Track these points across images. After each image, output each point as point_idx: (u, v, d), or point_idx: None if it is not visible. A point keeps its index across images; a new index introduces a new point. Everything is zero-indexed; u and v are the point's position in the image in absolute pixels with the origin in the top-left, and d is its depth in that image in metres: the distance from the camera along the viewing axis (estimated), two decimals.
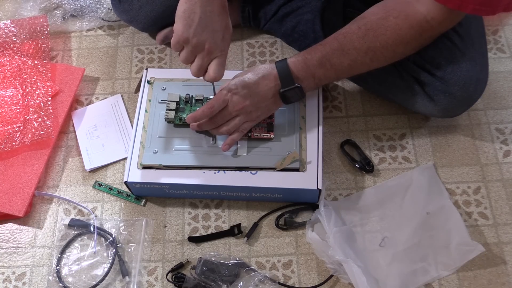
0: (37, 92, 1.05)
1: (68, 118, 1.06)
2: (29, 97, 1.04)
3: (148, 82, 1.00)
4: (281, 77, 0.86)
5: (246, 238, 0.93)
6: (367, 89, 1.06)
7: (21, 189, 0.97)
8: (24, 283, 0.92)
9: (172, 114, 0.94)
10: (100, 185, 0.99)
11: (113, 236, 0.93)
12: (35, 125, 1.01)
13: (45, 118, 1.02)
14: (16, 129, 1.01)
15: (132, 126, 0.99)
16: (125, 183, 0.92)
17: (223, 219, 0.96)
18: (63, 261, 0.92)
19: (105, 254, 0.92)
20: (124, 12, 1.09)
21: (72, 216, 0.97)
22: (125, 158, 1.00)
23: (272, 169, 0.90)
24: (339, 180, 0.98)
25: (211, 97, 0.96)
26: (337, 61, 0.85)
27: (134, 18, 1.09)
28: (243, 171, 0.91)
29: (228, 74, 1.01)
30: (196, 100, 0.96)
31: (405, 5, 0.80)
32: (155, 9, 1.06)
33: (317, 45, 0.87)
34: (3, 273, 0.93)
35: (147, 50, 1.14)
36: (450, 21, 0.81)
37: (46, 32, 1.12)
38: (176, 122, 0.94)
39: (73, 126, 1.06)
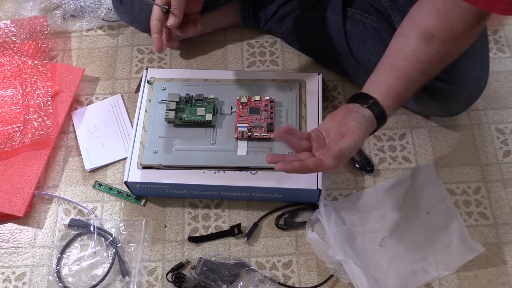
0: (37, 92, 1.05)
1: (68, 118, 1.06)
2: (29, 97, 1.04)
3: (148, 82, 1.00)
4: (379, 123, 0.79)
5: (246, 238, 0.93)
6: None
7: (21, 189, 0.97)
8: (24, 283, 0.92)
9: (172, 114, 0.94)
10: (100, 185, 0.99)
11: (113, 236, 0.93)
12: (35, 125, 1.01)
13: (45, 118, 1.02)
14: (16, 129, 1.01)
15: (132, 126, 0.99)
16: (125, 183, 0.91)
17: (223, 219, 0.96)
18: (63, 261, 0.92)
19: (105, 254, 0.92)
20: (126, 14, 1.09)
21: (72, 216, 0.97)
22: (125, 158, 1.00)
23: (272, 169, 0.90)
24: (339, 180, 0.98)
25: (211, 97, 0.96)
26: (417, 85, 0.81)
27: (136, 20, 1.09)
28: (243, 171, 0.91)
29: (229, 74, 1.01)
30: (196, 100, 0.96)
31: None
32: None
33: (400, 78, 0.78)
34: (3, 273, 0.93)
35: (147, 50, 1.14)
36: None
37: (46, 32, 1.12)
38: (176, 122, 0.94)
39: (73, 126, 1.06)
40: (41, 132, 1.00)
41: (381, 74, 0.79)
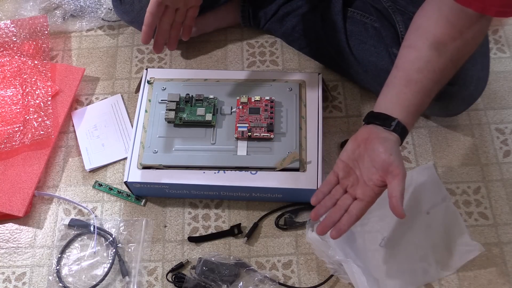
0: (37, 92, 1.05)
1: (68, 118, 1.06)
2: (29, 97, 1.04)
3: (148, 82, 1.00)
4: (403, 141, 0.79)
5: (246, 238, 0.93)
6: (367, 89, 1.06)
7: (21, 189, 0.97)
8: (24, 283, 0.92)
9: (172, 114, 0.94)
10: (100, 185, 0.99)
11: (113, 236, 0.93)
12: (35, 125, 1.01)
13: (45, 118, 1.02)
14: (16, 129, 1.01)
15: (132, 126, 0.99)
16: (125, 183, 0.92)
17: (223, 219, 0.96)
18: (63, 261, 0.92)
19: (105, 254, 0.92)
20: (126, 13, 1.08)
21: (72, 216, 0.97)
22: (125, 158, 1.00)
23: (272, 169, 0.90)
24: None
25: (211, 97, 0.96)
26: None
27: (136, 19, 1.08)
28: (243, 171, 0.91)
29: (229, 74, 1.01)
30: (196, 100, 0.96)
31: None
32: None
33: (417, 93, 0.77)
34: (3, 273, 0.93)
35: (147, 50, 1.14)
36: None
37: (46, 32, 1.12)
38: (176, 122, 0.94)
39: (73, 126, 1.06)
40: (41, 132, 1.00)
41: (398, 90, 0.77)
